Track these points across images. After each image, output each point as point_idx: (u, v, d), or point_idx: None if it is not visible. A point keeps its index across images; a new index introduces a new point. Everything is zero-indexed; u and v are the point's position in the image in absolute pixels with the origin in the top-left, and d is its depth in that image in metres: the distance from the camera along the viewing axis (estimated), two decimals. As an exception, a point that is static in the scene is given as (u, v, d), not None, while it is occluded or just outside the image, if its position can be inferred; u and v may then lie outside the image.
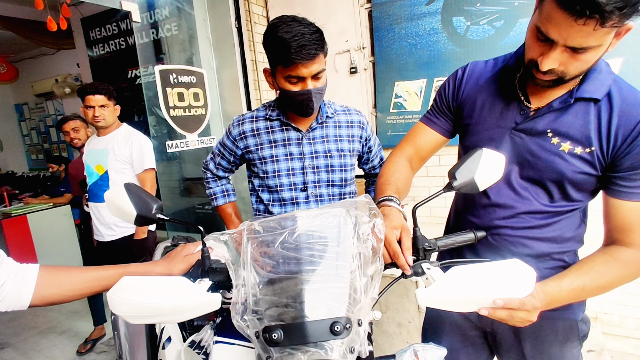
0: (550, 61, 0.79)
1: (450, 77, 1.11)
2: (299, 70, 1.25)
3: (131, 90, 4.36)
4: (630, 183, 0.85)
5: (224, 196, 1.67)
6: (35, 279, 0.80)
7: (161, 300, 0.73)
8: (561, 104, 0.88)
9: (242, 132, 1.49)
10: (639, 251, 0.86)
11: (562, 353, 1.02)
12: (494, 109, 0.99)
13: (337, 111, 1.54)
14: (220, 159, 1.60)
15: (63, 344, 3.03)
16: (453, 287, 0.68)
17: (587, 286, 0.84)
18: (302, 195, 1.49)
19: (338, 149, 1.49)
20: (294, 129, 1.46)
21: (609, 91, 0.86)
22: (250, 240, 0.76)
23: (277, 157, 1.46)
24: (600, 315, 2.55)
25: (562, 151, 0.89)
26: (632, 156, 0.83)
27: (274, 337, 0.65)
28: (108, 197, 0.98)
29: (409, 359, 0.76)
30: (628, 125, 0.83)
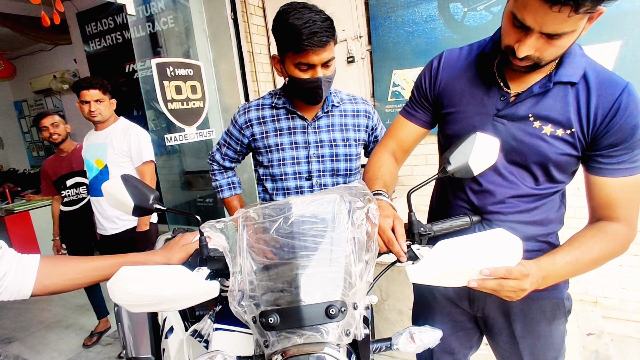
0: (526, 48, 0.80)
1: (426, 68, 1.10)
2: (309, 57, 1.24)
3: (129, 84, 4.35)
4: (610, 160, 0.87)
5: (230, 189, 1.67)
6: (36, 269, 0.81)
7: (160, 288, 0.74)
8: (541, 88, 0.90)
9: (248, 119, 1.49)
10: (625, 225, 0.89)
11: (549, 330, 1.05)
12: (474, 96, 0.99)
13: (344, 100, 1.53)
14: (227, 149, 1.59)
15: (69, 337, 3.08)
16: (441, 261, 0.69)
17: (580, 259, 0.86)
18: (307, 184, 1.49)
19: (343, 138, 1.49)
20: (300, 117, 1.46)
21: (585, 73, 0.88)
22: (246, 228, 0.77)
23: (282, 146, 1.46)
24: (600, 299, 2.56)
25: (544, 134, 0.91)
26: (612, 134, 0.85)
27: (270, 321, 0.66)
28: (105, 189, 0.99)
29: (405, 341, 0.77)
30: (606, 104, 0.85)
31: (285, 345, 0.66)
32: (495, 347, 1.15)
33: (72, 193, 2.90)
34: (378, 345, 0.78)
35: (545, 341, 1.06)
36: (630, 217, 0.89)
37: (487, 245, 0.66)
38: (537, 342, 1.05)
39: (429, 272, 0.70)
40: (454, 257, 0.67)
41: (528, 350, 1.06)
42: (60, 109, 6.18)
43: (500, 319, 1.07)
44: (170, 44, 3.13)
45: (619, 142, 0.86)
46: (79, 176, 2.90)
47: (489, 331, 1.13)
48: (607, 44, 2.20)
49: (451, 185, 1.09)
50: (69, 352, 2.87)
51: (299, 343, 0.66)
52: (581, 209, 2.44)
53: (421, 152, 2.90)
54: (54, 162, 2.90)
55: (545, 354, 1.07)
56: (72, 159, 2.88)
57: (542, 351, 1.06)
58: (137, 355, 1.46)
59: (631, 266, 2.43)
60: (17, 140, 7.09)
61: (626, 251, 0.92)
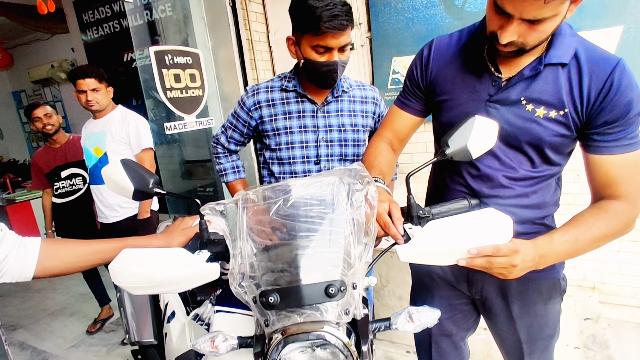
0: (508, 34, 0.80)
1: (417, 57, 1.10)
2: (327, 40, 1.24)
3: (127, 74, 4.32)
4: (607, 137, 0.87)
5: (234, 172, 1.66)
6: (37, 252, 0.82)
7: (161, 271, 0.75)
8: (532, 71, 0.89)
9: (256, 102, 1.48)
10: (627, 202, 0.88)
11: (545, 309, 1.07)
12: (466, 82, 0.99)
13: (352, 86, 1.53)
14: (233, 132, 1.58)
15: (73, 325, 3.12)
16: (430, 240, 0.69)
17: (580, 238, 0.85)
18: (315, 169, 1.49)
19: (352, 123, 1.49)
20: (310, 101, 1.46)
21: (576, 53, 0.87)
22: (246, 209, 0.78)
23: (291, 129, 1.46)
24: (598, 285, 2.58)
25: (537, 117, 0.91)
26: (607, 112, 0.85)
27: (271, 300, 0.67)
28: (105, 174, 0.99)
29: (404, 320, 0.78)
30: (598, 82, 0.85)
31: (286, 324, 0.67)
32: (493, 327, 1.17)
33: (66, 184, 2.86)
34: (377, 325, 0.79)
35: (542, 320, 1.07)
36: (633, 194, 0.88)
37: (477, 224, 0.67)
38: (534, 321, 1.07)
39: (419, 251, 0.71)
40: (443, 236, 0.68)
41: (525, 329, 1.08)
42: (58, 99, 6.16)
43: (499, 300, 1.08)
44: (168, 32, 3.10)
45: (615, 119, 0.85)
46: (74, 167, 2.87)
47: (486, 312, 1.15)
48: (608, 29, 2.19)
49: (449, 169, 1.09)
50: (73, 339, 2.91)
51: (298, 322, 0.67)
52: (580, 195, 2.45)
53: (421, 140, 2.89)
54: (45, 154, 2.84)
55: (541, 333, 1.09)
56: (66, 150, 2.85)
57: (538, 330, 1.08)
58: (140, 340, 1.48)
59: (630, 252, 2.45)
60: (16, 130, 7.07)
61: (632, 229, 0.90)
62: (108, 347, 2.74)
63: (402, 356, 2.26)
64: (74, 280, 3.69)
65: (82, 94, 2.35)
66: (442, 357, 1.24)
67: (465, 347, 1.28)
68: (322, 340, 0.66)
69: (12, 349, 2.70)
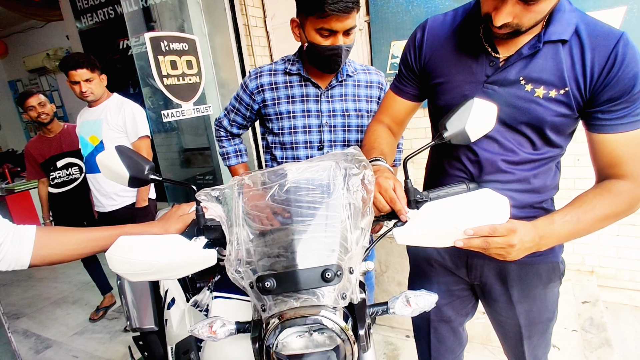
0: (502, 16, 0.78)
1: (410, 40, 1.06)
2: (332, 23, 1.21)
3: (124, 61, 4.27)
4: (611, 115, 0.85)
5: (237, 156, 1.65)
6: (33, 239, 0.82)
7: (158, 257, 0.75)
8: (530, 49, 0.87)
9: (259, 85, 1.46)
10: (632, 181, 0.86)
11: (545, 293, 1.07)
12: (462, 64, 0.96)
13: (357, 70, 1.50)
14: (235, 115, 1.56)
15: (76, 312, 3.15)
16: (427, 222, 0.69)
17: (582, 218, 0.83)
18: (318, 154, 1.47)
19: (356, 108, 1.47)
20: (313, 85, 1.43)
21: (577, 29, 0.84)
22: (242, 195, 0.77)
23: (295, 113, 1.44)
24: (597, 269, 2.60)
25: (537, 97, 0.88)
26: (611, 87, 0.83)
27: (267, 285, 0.67)
28: (100, 161, 0.98)
29: (401, 304, 0.78)
30: (602, 57, 0.82)
31: (282, 309, 0.67)
32: (492, 312, 1.17)
33: (63, 174, 2.85)
34: (375, 309, 0.79)
35: (541, 304, 1.07)
36: (633, 172, 0.86)
37: (474, 205, 0.66)
38: (533, 305, 1.07)
39: (416, 233, 0.70)
40: (439, 218, 0.67)
41: (524, 314, 1.08)
42: (55, 88, 6.11)
43: (498, 285, 1.08)
44: (164, 18, 3.05)
45: (620, 96, 0.82)
46: (70, 157, 2.85)
47: (485, 298, 1.14)
48: (611, 10, 2.15)
49: (447, 154, 1.08)
50: (76, 326, 2.94)
51: (295, 306, 0.67)
52: (580, 180, 2.45)
53: (420, 125, 2.87)
54: (39, 144, 2.81)
55: (540, 317, 1.09)
56: (61, 140, 2.82)
57: (537, 314, 1.08)
58: (141, 326, 1.50)
59: (628, 236, 2.45)
60: (14, 120, 7.04)
61: (637, 209, 0.88)
62: (111, 334, 2.77)
63: (402, 341, 2.28)
64: (76, 268, 3.71)
65: (76, 84, 2.31)
66: (441, 342, 1.24)
67: (464, 332, 1.29)
68: (319, 325, 0.67)
69: (15, 337, 2.72)
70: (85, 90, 2.32)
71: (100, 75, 2.41)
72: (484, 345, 2.11)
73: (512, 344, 1.18)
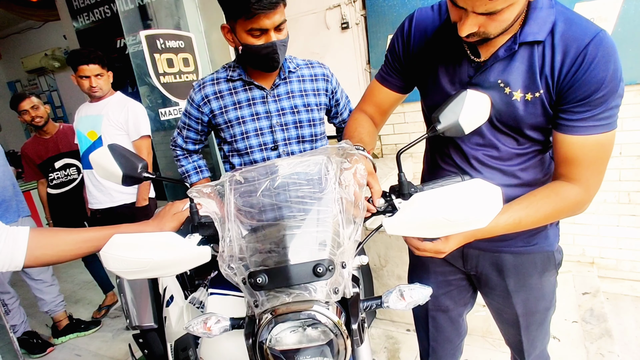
0: (466, 27, 0.77)
1: (398, 30, 1.05)
2: (261, 21, 1.20)
3: (121, 60, 4.26)
4: (571, 116, 0.83)
5: (197, 173, 1.64)
6: (26, 240, 0.82)
7: (152, 255, 0.75)
8: (506, 52, 0.85)
9: (204, 96, 1.45)
10: (579, 187, 0.87)
11: (541, 282, 1.07)
12: (447, 64, 0.96)
13: (300, 65, 1.50)
14: (187, 131, 1.55)
15: (79, 312, 3.16)
16: (417, 212, 0.68)
17: (523, 220, 0.86)
18: (274, 155, 1.47)
19: (305, 103, 1.46)
20: (258, 87, 1.43)
21: (553, 27, 0.82)
22: (233, 191, 0.77)
23: (244, 119, 1.43)
24: (597, 259, 2.60)
25: (514, 100, 0.88)
26: (574, 89, 0.81)
27: (259, 281, 0.67)
28: (93, 159, 0.98)
29: (395, 298, 0.78)
30: (570, 59, 0.80)
31: (275, 304, 0.67)
32: (490, 302, 1.18)
33: (61, 175, 2.85)
34: (369, 303, 0.79)
35: (537, 293, 1.08)
36: (587, 179, 0.86)
37: (464, 195, 0.65)
38: (530, 294, 1.07)
39: (405, 224, 0.70)
40: (430, 208, 0.67)
41: (521, 303, 1.08)
42: (54, 88, 6.11)
43: (494, 276, 1.08)
44: (160, 16, 3.03)
45: (582, 98, 0.81)
46: (67, 157, 2.85)
47: (482, 288, 1.15)
48: (607, 0, 2.13)
49: (438, 149, 1.08)
50: (79, 325, 2.95)
51: (287, 301, 0.67)
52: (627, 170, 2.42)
53: (419, 119, 2.86)
54: (36, 145, 2.80)
55: (537, 306, 1.09)
56: (58, 140, 2.82)
57: (534, 303, 1.08)
58: (141, 324, 1.50)
59: (628, 226, 2.44)
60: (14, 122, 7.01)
61: (581, 212, 0.91)
62: (113, 332, 2.79)
63: (402, 335, 2.29)
64: (78, 268, 3.73)
65: (85, 79, 2.30)
66: (439, 332, 1.25)
67: (463, 323, 1.29)
68: (312, 320, 0.67)
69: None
70: (95, 85, 2.32)
71: (108, 72, 2.42)
72: (484, 338, 2.11)
73: (511, 334, 1.19)
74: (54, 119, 6.41)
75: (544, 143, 0.96)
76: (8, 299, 2.54)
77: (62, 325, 2.78)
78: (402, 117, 2.97)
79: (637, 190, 2.38)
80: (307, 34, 3.07)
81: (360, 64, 2.97)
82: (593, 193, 0.89)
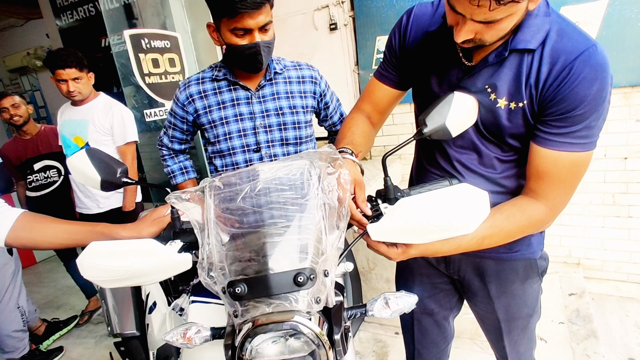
0: (463, 34, 0.75)
1: (396, 25, 1.04)
2: (245, 21, 1.18)
3: (106, 60, 4.18)
4: (549, 129, 0.82)
5: (183, 174, 1.62)
6: (14, 220, 0.87)
7: (131, 263, 0.73)
8: (496, 57, 0.84)
9: (189, 95, 1.43)
10: (545, 206, 0.85)
11: (523, 289, 1.06)
12: (438, 65, 0.94)
13: (287, 67, 1.49)
14: (173, 131, 1.53)
15: (61, 317, 3.07)
16: (402, 218, 0.66)
17: (486, 240, 0.84)
18: (256, 157, 1.45)
19: (290, 105, 1.44)
20: (243, 87, 1.41)
21: (546, 37, 0.80)
22: (213, 197, 0.74)
23: (227, 119, 1.41)
24: (583, 260, 2.62)
25: (499, 107, 0.86)
26: (555, 103, 0.79)
27: (238, 291, 0.65)
28: (71, 164, 0.95)
29: (380, 306, 0.76)
30: (555, 72, 0.78)
31: (254, 315, 0.65)
32: (473, 307, 1.17)
33: (40, 177, 2.76)
34: (353, 312, 0.77)
35: (519, 300, 1.07)
36: (553, 197, 0.85)
37: (451, 200, 0.64)
38: (512, 301, 1.06)
39: (390, 229, 0.68)
40: (415, 213, 0.65)
41: (503, 309, 1.07)
42: (37, 88, 5.98)
43: (476, 281, 1.08)
44: (145, 15, 2.98)
45: (561, 113, 0.79)
46: (47, 159, 2.76)
47: (465, 292, 1.14)
48: (592, 3, 2.15)
49: (426, 152, 1.07)
50: (61, 331, 2.88)
51: (267, 312, 0.64)
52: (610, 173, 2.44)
53: (407, 121, 2.87)
54: (15, 146, 2.73)
55: (519, 312, 1.08)
56: (38, 142, 2.74)
57: (516, 309, 1.08)
58: (122, 331, 1.46)
59: (613, 228, 2.47)
60: (-5, 122, 6.87)
61: (542, 230, 0.92)
62: (96, 339, 2.72)
63: (391, 338, 2.28)
64: (60, 273, 3.64)
65: (63, 83, 2.19)
66: (424, 335, 1.24)
67: (449, 327, 1.28)
68: (293, 330, 0.64)
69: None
70: (73, 89, 2.21)
71: (88, 74, 2.30)
72: (473, 340, 2.11)
73: (493, 339, 1.19)
74: (37, 119, 6.27)
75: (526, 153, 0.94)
76: None
77: (41, 331, 2.71)
78: (390, 119, 2.96)
79: (622, 192, 2.41)
80: (295, 35, 3.04)
81: (349, 66, 2.96)
82: (557, 213, 0.87)
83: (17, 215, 0.88)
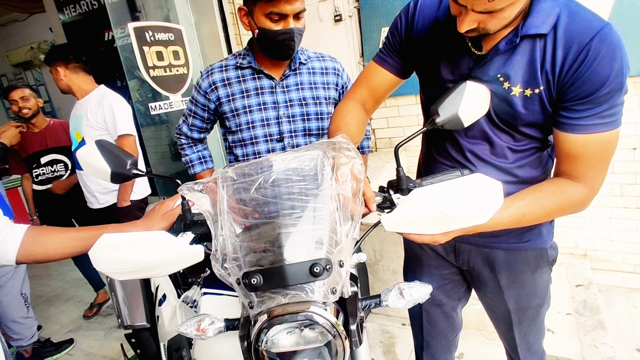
0: (465, 24, 0.75)
1: (402, 11, 1.02)
2: (282, 6, 1.18)
3: (110, 53, 4.17)
4: (574, 114, 0.80)
5: (201, 163, 1.61)
6: (21, 237, 0.84)
7: (143, 254, 0.72)
8: (507, 45, 0.82)
9: (212, 82, 1.42)
10: (586, 186, 0.84)
11: (533, 279, 1.06)
12: (447, 55, 0.93)
13: (311, 58, 1.48)
14: (193, 119, 1.52)
15: (70, 310, 3.12)
16: (416, 208, 0.66)
17: (526, 217, 0.82)
18: (279, 147, 1.45)
19: (313, 96, 1.44)
20: (267, 76, 1.40)
21: (557, 21, 0.78)
22: (226, 188, 0.74)
23: (250, 108, 1.40)
24: (590, 252, 2.61)
25: (513, 96, 0.85)
26: (577, 87, 0.78)
27: (253, 282, 0.65)
28: (80, 156, 0.95)
29: (395, 297, 0.76)
30: (572, 55, 0.77)
31: (270, 306, 0.65)
32: (482, 297, 1.17)
33: (47, 171, 2.76)
34: (367, 302, 0.77)
35: (530, 290, 1.06)
36: (591, 177, 0.84)
37: (465, 190, 0.63)
38: (522, 291, 1.06)
39: (403, 220, 0.68)
40: (429, 204, 0.65)
41: (513, 299, 1.07)
42: (41, 82, 5.98)
43: (486, 271, 1.07)
44: (149, 8, 2.96)
45: (585, 96, 0.77)
46: (55, 153, 2.76)
47: (475, 283, 1.14)
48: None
49: (435, 142, 1.06)
50: (70, 324, 2.92)
51: (283, 303, 0.64)
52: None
53: (413, 113, 2.85)
54: (23, 139, 2.68)
55: (529, 302, 1.08)
56: (46, 135, 2.74)
57: (526, 299, 1.07)
58: (133, 324, 1.47)
59: (620, 218, 2.46)
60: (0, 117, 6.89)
61: (583, 210, 0.88)
62: (105, 330, 2.75)
63: (398, 329, 2.29)
64: (69, 266, 3.67)
65: None
66: (433, 326, 1.24)
67: (457, 318, 1.28)
68: (309, 321, 0.64)
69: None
70: None
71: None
72: (479, 331, 2.12)
73: (503, 329, 1.19)
74: (42, 113, 6.27)
75: (542, 141, 0.93)
76: None
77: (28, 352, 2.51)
78: (396, 111, 2.95)
79: (630, 182, 2.39)
80: (299, 27, 3.02)
81: (354, 57, 2.94)
82: (597, 191, 0.86)
83: (23, 232, 0.85)
